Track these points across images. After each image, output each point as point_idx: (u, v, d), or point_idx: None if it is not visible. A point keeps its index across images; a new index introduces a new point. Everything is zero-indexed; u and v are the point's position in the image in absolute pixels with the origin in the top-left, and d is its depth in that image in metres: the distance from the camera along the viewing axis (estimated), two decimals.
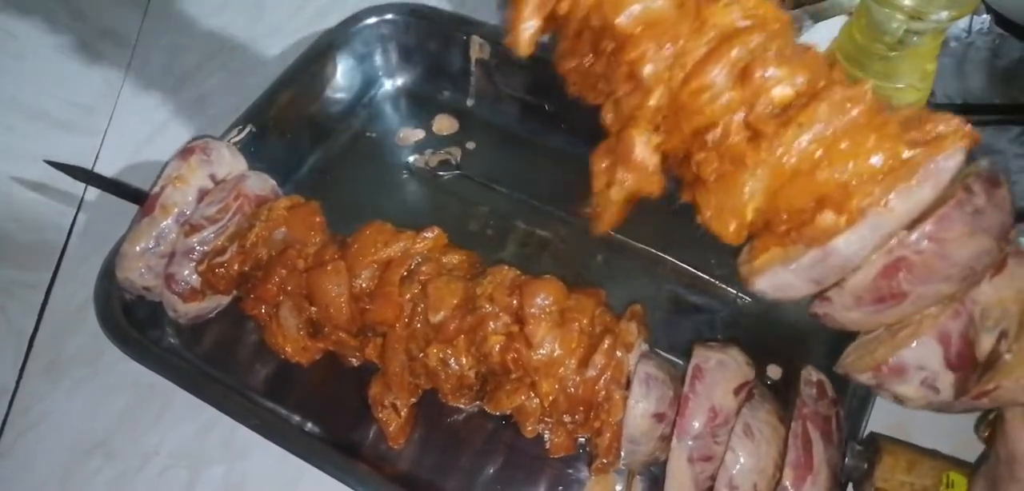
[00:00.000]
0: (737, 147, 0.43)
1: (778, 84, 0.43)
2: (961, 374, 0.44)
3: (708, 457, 0.54)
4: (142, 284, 0.68)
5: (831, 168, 0.41)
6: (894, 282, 0.42)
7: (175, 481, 0.67)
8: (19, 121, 0.94)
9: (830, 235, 0.42)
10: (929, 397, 0.45)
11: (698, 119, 0.44)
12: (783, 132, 0.42)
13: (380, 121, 0.91)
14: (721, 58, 0.43)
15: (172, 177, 0.70)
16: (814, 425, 0.53)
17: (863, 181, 0.41)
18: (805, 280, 0.45)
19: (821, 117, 0.42)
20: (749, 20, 0.44)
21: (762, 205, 0.44)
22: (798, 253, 0.43)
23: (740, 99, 0.43)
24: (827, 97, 0.42)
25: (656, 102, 0.45)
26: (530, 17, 0.47)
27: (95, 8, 1.07)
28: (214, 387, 0.67)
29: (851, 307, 0.45)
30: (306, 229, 0.67)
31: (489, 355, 0.59)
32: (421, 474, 0.66)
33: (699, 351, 0.57)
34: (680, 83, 0.44)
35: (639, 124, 0.46)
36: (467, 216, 0.81)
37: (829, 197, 0.41)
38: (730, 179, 0.44)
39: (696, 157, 0.45)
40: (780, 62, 0.43)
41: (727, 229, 0.45)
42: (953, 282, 0.42)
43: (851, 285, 0.44)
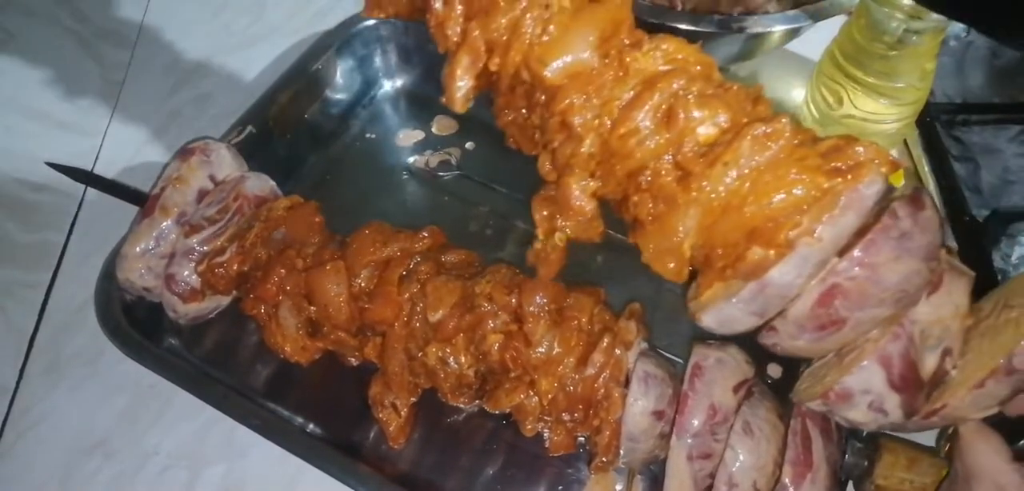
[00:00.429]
0: (668, 187, 0.44)
1: (701, 124, 0.44)
2: (907, 395, 0.45)
3: (707, 455, 0.54)
4: (142, 285, 0.68)
5: (758, 202, 0.42)
6: (831, 310, 0.44)
7: (175, 481, 0.67)
8: (19, 121, 0.94)
9: (763, 268, 0.43)
10: (879, 420, 0.47)
11: (629, 163, 0.45)
12: (710, 171, 0.43)
13: (380, 122, 0.91)
14: (645, 103, 0.44)
15: (172, 178, 0.70)
16: (813, 423, 0.53)
17: (789, 213, 0.42)
18: (748, 313, 0.46)
19: (744, 153, 0.43)
20: (670, 65, 0.46)
21: (698, 241, 0.45)
22: (738, 287, 0.44)
23: (667, 141, 0.44)
24: (749, 133, 0.43)
25: (588, 149, 0.46)
26: (462, 76, 0.49)
27: (95, 8, 1.07)
28: (214, 387, 0.67)
29: (796, 335, 0.46)
30: (305, 229, 0.67)
31: (488, 354, 0.59)
32: (421, 474, 0.66)
33: (698, 349, 0.57)
34: (609, 129, 0.45)
35: (574, 172, 0.47)
36: (467, 216, 0.81)
37: (758, 231, 0.43)
38: (664, 219, 0.45)
39: (632, 199, 0.46)
40: (702, 103, 0.44)
41: (667, 268, 0.46)
42: (888, 305, 0.43)
43: (792, 315, 0.45)
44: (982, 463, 0.47)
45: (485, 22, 0.47)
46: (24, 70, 1.00)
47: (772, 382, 0.68)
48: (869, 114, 0.78)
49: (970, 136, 0.83)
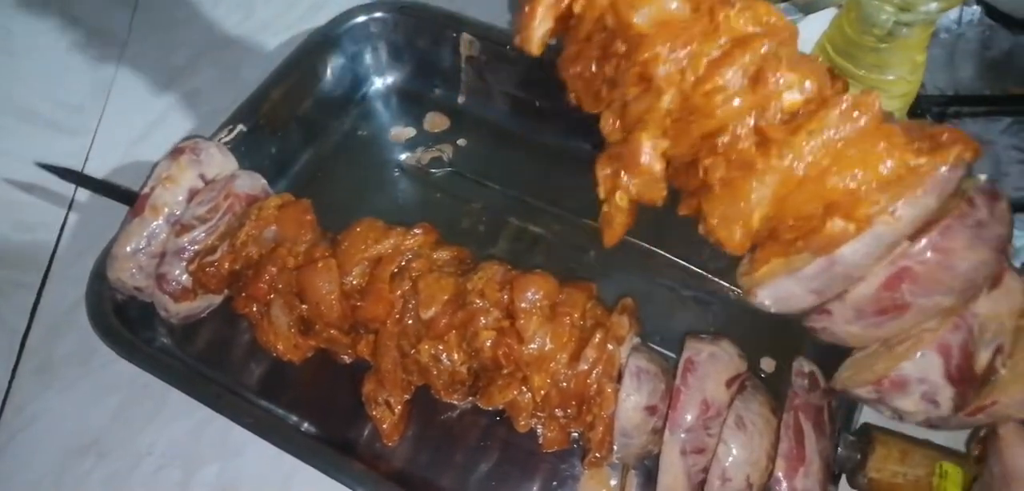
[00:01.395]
0: (746, 153, 0.43)
1: (789, 89, 0.43)
2: (960, 388, 0.44)
3: (701, 449, 0.54)
4: (133, 284, 0.68)
5: (840, 175, 0.41)
6: (897, 293, 0.42)
7: (169, 480, 0.67)
8: (9, 121, 0.94)
9: (838, 242, 0.41)
10: (929, 411, 0.46)
11: (709, 123, 0.44)
12: (792, 138, 0.42)
13: (371, 119, 0.91)
14: (735, 61, 0.43)
15: (162, 177, 0.69)
16: (806, 416, 0.53)
17: (871, 189, 0.41)
18: (808, 290, 0.45)
19: (831, 123, 0.42)
20: (760, 27, 0.45)
21: (769, 212, 0.44)
22: (803, 262, 0.43)
23: (751, 103, 0.43)
24: (837, 104, 0.42)
25: (668, 104, 0.45)
26: (543, 17, 0.47)
27: (86, 7, 1.07)
28: (207, 386, 0.67)
29: (851, 320, 0.45)
30: (296, 227, 0.67)
31: (481, 350, 0.59)
32: (415, 471, 0.66)
33: (691, 344, 0.57)
34: (692, 85, 0.44)
35: (647, 128, 0.46)
36: (459, 213, 0.81)
37: (837, 204, 0.41)
38: (737, 185, 0.43)
39: (703, 163, 0.45)
40: (792, 67, 0.43)
41: (732, 237, 0.45)
42: (954, 294, 0.42)
43: (853, 297, 0.44)
44: (1021, 465, 0.46)
45: None
46: (15, 69, 1.00)
47: (765, 376, 0.68)
48: None
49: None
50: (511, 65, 0.86)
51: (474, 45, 0.87)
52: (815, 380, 0.56)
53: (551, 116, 0.86)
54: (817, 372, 0.57)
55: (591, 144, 0.83)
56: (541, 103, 0.86)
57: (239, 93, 0.84)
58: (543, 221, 0.79)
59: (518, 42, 0.49)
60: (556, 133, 0.86)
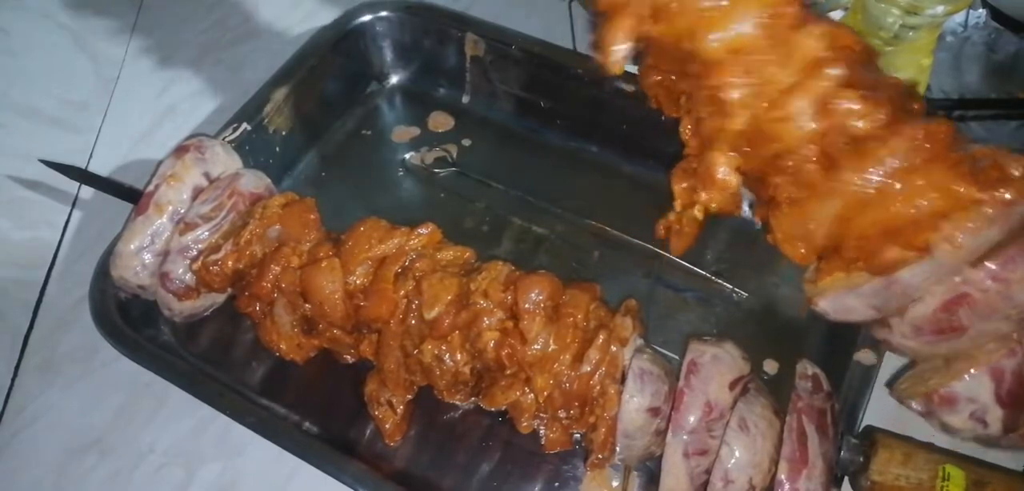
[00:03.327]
0: (812, 174, 0.44)
1: (858, 118, 0.43)
2: (1011, 411, 0.45)
3: (703, 451, 0.54)
4: (136, 283, 0.68)
5: (904, 202, 0.42)
6: (954, 316, 0.43)
7: (170, 478, 0.67)
8: (13, 118, 0.94)
9: (897, 267, 0.42)
10: (977, 430, 0.47)
11: (777, 146, 0.45)
12: (859, 163, 0.42)
13: (376, 118, 0.91)
14: (807, 91, 0.43)
15: (166, 175, 0.69)
16: (809, 418, 0.53)
17: (933, 216, 0.41)
18: (867, 306, 0.46)
19: (898, 151, 0.42)
20: (832, 51, 0.44)
21: (833, 231, 0.44)
22: (863, 279, 0.44)
23: (821, 130, 0.43)
24: (905, 132, 0.42)
25: (739, 127, 0.45)
26: (623, 40, 0.48)
27: (89, 5, 1.07)
28: (209, 385, 0.67)
29: (909, 336, 0.46)
30: (300, 226, 0.67)
31: (484, 351, 0.59)
32: (417, 471, 0.65)
33: (694, 345, 0.57)
34: (764, 110, 0.44)
35: (721, 146, 0.47)
36: (463, 213, 0.81)
37: (899, 231, 0.42)
38: (804, 205, 0.45)
39: (772, 180, 0.46)
40: (862, 99, 0.43)
41: (796, 252, 0.47)
42: (1012, 322, 0.43)
43: (912, 315, 0.45)
44: None
45: None
46: (18, 67, 1.00)
47: (768, 378, 0.68)
48: None
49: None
50: (516, 65, 0.86)
51: (479, 45, 0.87)
52: (818, 383, 0.56)
53: (555, 116, 0.86)
54: (820, 375, 0.56)
55: (595, 145, 0.84)
56: (546, 103, 0.86)
57: (243, 92, 0.84)
58: (547, 221, 0.79)
59: (599, 62, 0.50)
60: (560, 134, 0.86)
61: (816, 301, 0.48)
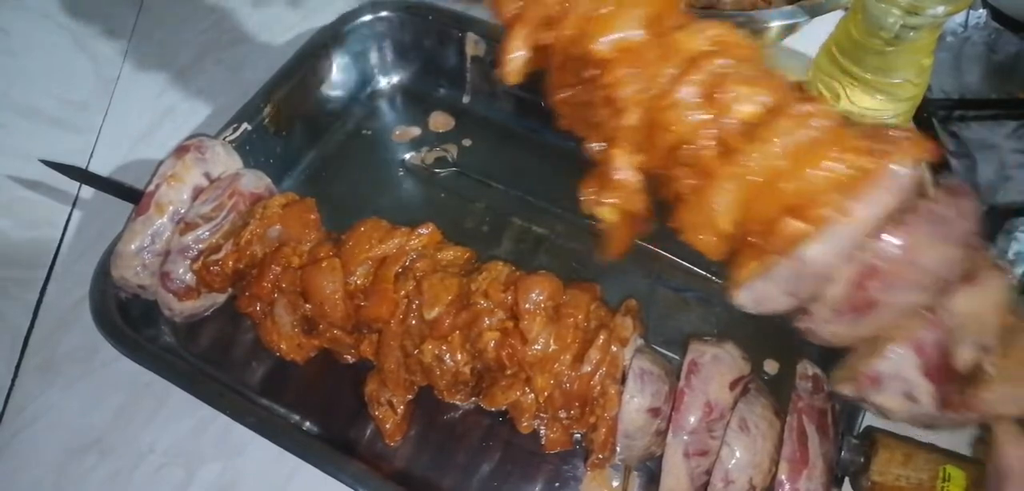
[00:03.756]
0: (708, 161, 0.45)
1: (744, 101, 0.45)
2: (940, 386, 0.45)
3: (704, 452, 0.54)
4: (137, 283, 0.68)
5: (794, 178, 0.43)
6: (866, 292, 0.44)
7: (171, 479, 0.67)
8: (13, 118, 0.94)
9: (796, 242, 0.43)
10: (910, 408, 0.46)
11: (671, 136, 0.46)
12: (749, 146, 0.44)
13: (376, 118, 0.91)
14: (689, 78, 0.45)
15: (167, 175, 0.69)
16: (809, 419, 0.53)
17: (825, 190, 0.43)
18: (782, 292, 0.46)
19: (784, 130, 0.43)
20: (715, 47, 0.47)
21: (736, 217, 0.46)
22: (774, 265, 0.45)
23: (709, 117, 0.45)
24: (790, 112, 0.44)
25: (633, 122, 0.47)
26: (519, 47, 0.50)
27: (89, 5, 1.07)
28: (209, 385, 0.67)
29: (830, 320, 0.46)
30: (301, 226, 0.67)
31: (484, 351, 0.59)
32: (417, 471, 0.66)
33: (694, 346, 0.57)
34: (654, 102, 0.46)
35: (619, 144, 0.48)
36: (463, 213, 0.81)
37: (796, 208, 0.43)
38: (702, 193, 0.45)
39: (673, 174, 0.47)
40: (745, 82, 0.45)
41: (702, 242, 0.47)
42: (923, 291, 0.43)
43: (827, 296, 0.45)
44: (1014, 464, 0.46)
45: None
46: (17, 67, 1.00)
47: (768, 378, 0.68)
48: (866, 110, 0.77)
49: (967, 132, 0.83)
50: None
51: (480, 45, 0.87)
52: (818, 383, 0.56)
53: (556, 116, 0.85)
54: (821, 375, 0.57)
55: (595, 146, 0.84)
56: (546, 103, 0.86)
57: (244, 92, 0.84)
58: (547, 221, 0.79)
59: (497, 72, 0.52)
60: (561, 133, 0.85)
61: (734, 295, 0.48)
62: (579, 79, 0.50)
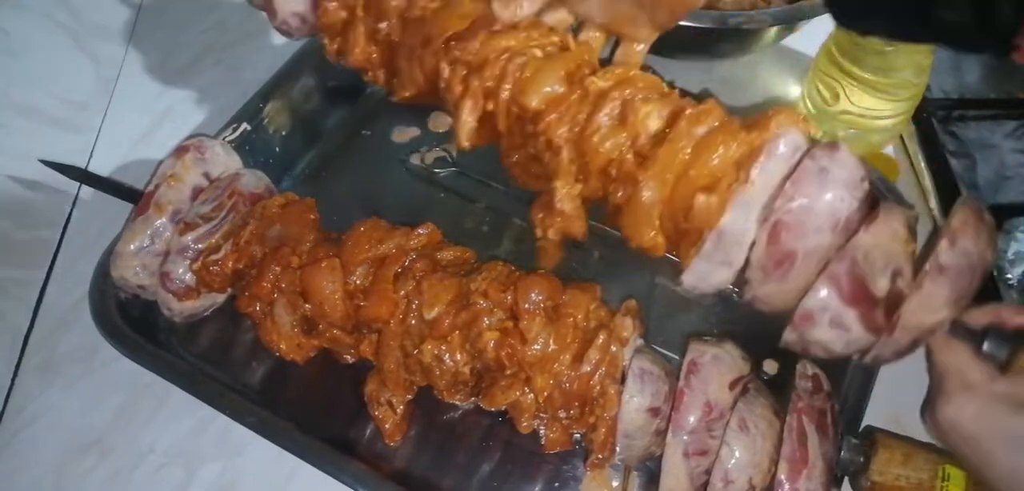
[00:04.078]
0: (631, 171, 0.54)
1: (648, 118, 0.54)
2: (861, 308, 0.50)
3: (703, 451, 0.54)
4: (137, 283, 0.68)
5: (699, 166, 0.51)
6: (781, 244, 0.50)
7: (170, 479, 0.67)
8: (13, 118, 0.94)
9: (711, 214, 0.51)
10: (844, 337, 0.51)
11: (599, 159, 0.55)
12: (658, 150, 0.53)
13: (375, 119, 0.91)
14: (602, 108, 0.55)
15: (166, 175, 0.69)
16: (809, 419, 0.53)
17: (725, 168, 0.51)
18: (716, 264, 0.53)
19: (683, 131, 0.52)
20: (621, 82, 0.56)
21: (663, 211, 0.54)
22: (703, 242, 0.52)
23: (625, 137, 0.54)
24: (685, 117, 0.53)
25: (567, 156, 0.57)
26: (468, 116, 0.61)
27: (89, 5, 1.07)
28: (209, 384, 0.67)
29: (763, 280, 0.52)
30: (300, 227, 0.67)
31: (483, 351, 0.59)
32: (417, 471, 0.66)
33: (694, 346, 0.57)
34: (578, 134, 0.56)
35: (560, 178, 0.57)
36: (463, 213, 0.81)
37: (708, 188, 0.51)
38: (633, 198, 0.54)
39: (610, 191, 0.56)
40: (646, 102, 0.55)
41: (644, 238, 0.55)
42: (827, 232, 0.50)
43: (755, 260, 0.52)
44: (948, 361, 0.51)
45: (481, 74, 0.59)
46: (17, 67, 1.00)
47: (768, 378, 0.68)
48: (865, 110, 0.78)
49: (966, 132, 0.83)
50: None
51: None
52: (818, 383, 0.56)
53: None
54: (820, 375, 0.57)
55: None
56: None
57: (244, 92, 0.85)
58: None
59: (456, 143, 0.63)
60: None
61: (681, 282, 0.55)
62: (524, 135, 0.59)
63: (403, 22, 0.65)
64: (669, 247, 0.55)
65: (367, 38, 0.68)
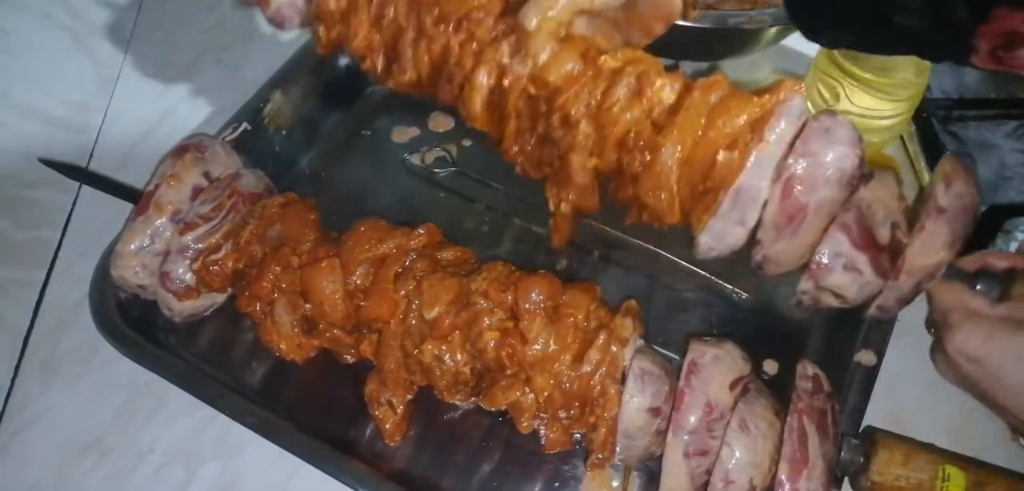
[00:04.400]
0: (650, 138, 0.56)
1: (663, 89, 0.57)
2: (870, 252, 0.54)
3: (704, 452, 0.54)
4: (136, 283, 0.68)
5: (716, 129, 0.55)
6: (793, 199, 0.54)
7: (170, 479, 0.67)
8: (13, 118, 0.94)
9: (731, 171, 0.54)
10: (858, 280, 0.55)
11: (617, 129, 0.57)
12: (675, 118, 0.55)
13: (376, 118, 0.91)
14: (619, 82, 0.57)
15: (166, 175, 0.69)
16: (809, 419, 0.53)
17: (741, 130, 0.54)
18: (732, 222, 0.55)
19: (697, 99, 0.55)
20: (630, 60, 0.59)
21: (680, 174, 0.56)
22: (719, 203, 0.55)
23: (640, 108, 0.57)
24: (698, 85, 0.56)
25: (585, 130, 0.59)
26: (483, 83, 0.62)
27: (89, 5, 1.07)
28: (209, 384, 0.67)
29: (775, 239, 0.55)
30: (300, 226, 0.67)
31: (484, 351, 0.59)
32: (417, 471, 0.66)
33: (695, 346, 0.57)
34: (597, 107, 0.58)
35: (576, 151, 0.59)
36: (463, 212, 0.81)
37: (726, 149, 0.54)
38: (652, 163, 0.56)
39: (624, 161, 0.58)
40: (660, 75, 0.57)
41: (661, 202, 0.57)
42: (834, 185, 0.54)
43: (768, 218, 0.55)
44: (951, 299, 0.56)
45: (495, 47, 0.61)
46: (17, 67, 1.00)
47: (768, 378, 0.68)
48: (866, 110, 0.77)
49: (967, 132, 0.83)
50: None
51: None
52: (819, 383, 0.56)
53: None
54: (821, 375, 0.57)
55: None
56: None
57: (244, 92, 0.85)
58: (547, 221, 0.79)
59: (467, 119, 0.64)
60: None
61: (697, 245, 0.57)
62: (535, 118, 0.61)
63: (411, 5, 0.65)
64: (682, 213, 0.58)
65: (370, 23, 0.68)
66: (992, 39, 0.49)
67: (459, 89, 0.64)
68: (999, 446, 0.65)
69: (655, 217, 0.59)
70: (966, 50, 0.51)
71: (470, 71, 0.62)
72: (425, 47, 0.65)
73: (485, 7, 0.63)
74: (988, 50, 0.50)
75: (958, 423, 0.66)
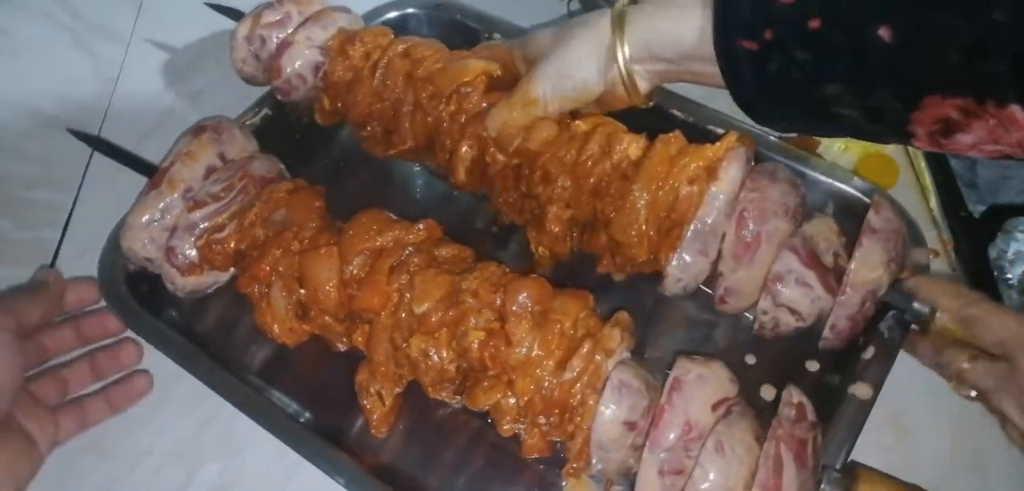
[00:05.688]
0: (620, 186, 0.65)
1: (629, 147, 0.66)
2: (817, 271, 0.62)
3: (679, 471, 0.53)
4: (144, 255, 0.69)
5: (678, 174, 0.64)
6: (746, 230, 0.62)
7: (170, 479, 0.67)
8: (13, 118, 0.95)
9: (692, 205, 0.63)
10: (808, 295, 0.62)
11: (590, 181, 0.66)
12: (639, 170, 0.64)
13: None
14: (590, 140, 0.67)
15: (181, 153, 0.71)
16: (788, 447, 0.52)
17: (699, 174, 0.63)
18: (696, 254, 0.63)
19: (660, 151, 0.64)
20: (599, 123, 0.68)
21: (649, 216, 0.64)
22: (684, 237, 0.63)
23: (610, 164, 0.66)
24: (660, 140, 0.66)
25: (562, 184, 0.68)
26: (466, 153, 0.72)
27: (89, 5, 1.08)
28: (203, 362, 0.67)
29: (735, 268, 0.63)
30: (305, 212, 0.67)
31: (468, 350, 0.58)
32: (404, 467, 0.66)
33: (681, 363, 0.56)
34: (572, 163, 0.67)
35: (554, 204, 0.69)
36: (474, 212, 0.81)
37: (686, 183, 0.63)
38: (623, 207, 0.64)
39: (598, 207, 0.67)
40: (624, 135, 0.67)
41: (635, 244, 0.65)
42: (781, 216, 0.62)
43: (726, 250, 0.63)
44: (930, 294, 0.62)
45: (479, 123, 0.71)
46: (18, 67, 1.01)
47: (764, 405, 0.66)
48: None
49: None
50: None
51: None
52: (802, 411, 0.54)
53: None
54: (806, 403, 0.55)
55: None
56: None
57: (243, 93, 0.85)
58: None
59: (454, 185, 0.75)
60: None
61: (666, 276, 0.64)
62: (518, 178, 0.71)
63: (408, 80, 0.75)
64: (650, 250, 0.65)
65: (372, 96, 0.76)
66: (928, 125, 0.50)
67: (449, 157, 0.73)
68: (999, 447, 0.62)
69: (627, 254, 0.66)
70: (905, 136, 0.52)
71: (455, 143, 0.72)
72: (421, 119, 0.74)
73: (471, 84, 0.72)
74: (926, 134, 0.51)
75: (959, 423, 0.65)
